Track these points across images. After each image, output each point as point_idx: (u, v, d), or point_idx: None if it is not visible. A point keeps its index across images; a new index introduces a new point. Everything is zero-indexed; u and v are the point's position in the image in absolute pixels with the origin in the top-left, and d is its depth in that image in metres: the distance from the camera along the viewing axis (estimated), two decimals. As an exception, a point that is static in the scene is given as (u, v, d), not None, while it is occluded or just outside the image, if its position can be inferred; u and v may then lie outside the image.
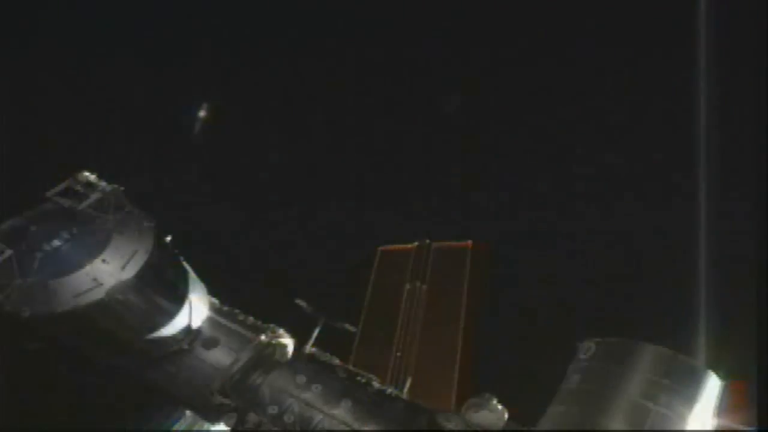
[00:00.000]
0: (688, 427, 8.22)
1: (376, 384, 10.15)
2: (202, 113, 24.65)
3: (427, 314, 19.29)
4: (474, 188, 22.78)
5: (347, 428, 9.44)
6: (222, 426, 9.93)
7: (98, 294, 9.09)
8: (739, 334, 15.77)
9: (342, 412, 9.59)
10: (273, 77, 25.80)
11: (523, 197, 22.06)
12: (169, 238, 10.33)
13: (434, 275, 20.14)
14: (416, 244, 20.86)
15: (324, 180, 23.56)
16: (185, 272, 10.46)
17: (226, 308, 10.88)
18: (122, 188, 10.30)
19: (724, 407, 8.59)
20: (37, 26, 25.27)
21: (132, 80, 24.77)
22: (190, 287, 10.34)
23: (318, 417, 9.58)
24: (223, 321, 10.63)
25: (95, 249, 9.48)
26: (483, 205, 22.22)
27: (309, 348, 10.48)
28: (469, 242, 20.25)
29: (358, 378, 10.15)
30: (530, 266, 20.44)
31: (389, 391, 10.18)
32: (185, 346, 10.12)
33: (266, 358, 10.24)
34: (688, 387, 8.37)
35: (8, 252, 9.25)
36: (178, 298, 10.08)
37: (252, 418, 9.72)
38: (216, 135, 24.53)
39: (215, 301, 10.92)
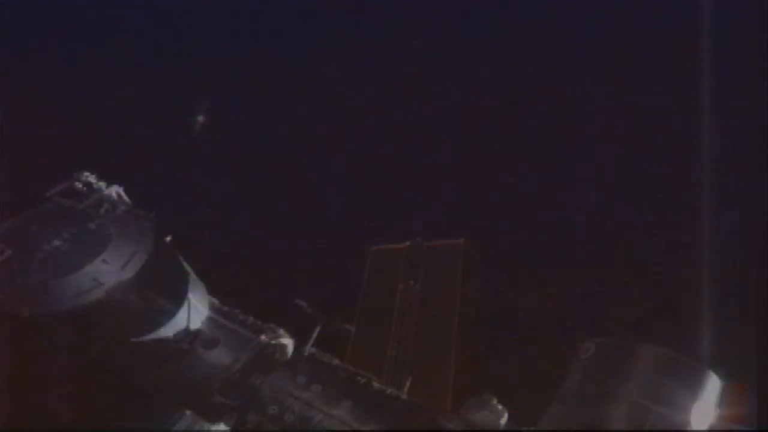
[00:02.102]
0: (689, 428, 8.22)
1: (376, 384, 10.12)
2: (201, 114, 24.68)
3: (421, 313, 19.23)
4: (469, 186, 22.78)
5: (347, 428, 9.41)
6: (222, 426, 9.91)
7: (98, 294, 9.09)
8: (740, 334, 15.79)
9: (342, 412, 9.56)
10: (269, 76, 25.82)
11: (520, 196, 22.05)
12: (169, 238, 10.33)
13: (428, 273, 20.08)
14: (408, 243, 20.83)
15: (321, 180, 23.57)
16: (185, 272, 10.46)
17: (226, 308, 10.88)
18: (122, 188, 10.31)
19: (724, 407, 8.59)
20: (37, 26, 25.31)
21: (132, 80, 24.79)
22: (190, 287, 10.34)
23: (318, 417, 9.55)
24: (223, 321, 10.62)
25: (95, 249, 9.49)
26: (479, 203, 22.21)
27: (309, 348, 10.47)
28: (462, 240, 20.19)
29: (358, 378, 10.12)
30: (529, 264, 20.42)
31: (389, 391, 10.16)
32: (185, 346, 10.09)
33: (266, 358, 10.22)
34: (688, 387, 8.38)
35: (8, 252, 9.25)
36: (178, 298, 10.07)
37: (252, 418, 9.70)
38: (215, 135, 24.55)
39: (215, 301, 10.92)
